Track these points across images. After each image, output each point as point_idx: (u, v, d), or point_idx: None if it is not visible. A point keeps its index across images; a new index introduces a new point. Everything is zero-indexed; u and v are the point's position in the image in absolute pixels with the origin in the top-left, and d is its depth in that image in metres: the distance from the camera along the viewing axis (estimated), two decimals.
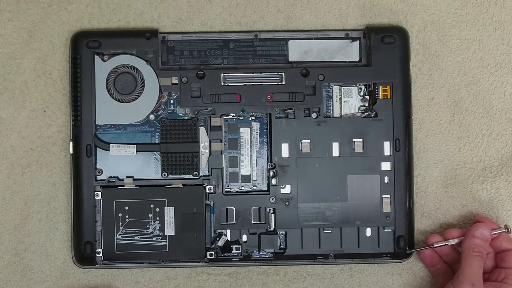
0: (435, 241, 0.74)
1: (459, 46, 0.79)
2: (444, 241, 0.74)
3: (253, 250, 0.76)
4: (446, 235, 0.75)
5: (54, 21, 0.78)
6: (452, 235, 0.74)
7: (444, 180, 0.78)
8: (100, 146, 0.75)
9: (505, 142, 0.79)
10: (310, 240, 0.75)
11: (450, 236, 0.74)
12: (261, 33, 0.77)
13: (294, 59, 0.77)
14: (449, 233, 0.74)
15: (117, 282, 0.78)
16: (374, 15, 0.78)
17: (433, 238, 0.75)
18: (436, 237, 0.75)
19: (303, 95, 0.76)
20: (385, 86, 0.76)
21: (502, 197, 0.78)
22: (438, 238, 0.75)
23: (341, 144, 0.76)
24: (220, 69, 0.76)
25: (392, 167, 0.76)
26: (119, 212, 0.74)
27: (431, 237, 0.75)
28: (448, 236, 0.74)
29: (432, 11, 0.79)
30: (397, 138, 0.76)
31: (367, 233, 0.76)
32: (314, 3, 0.78)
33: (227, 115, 0.76)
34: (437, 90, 0.79)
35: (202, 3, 0.78)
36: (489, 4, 0.79)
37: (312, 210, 0.75)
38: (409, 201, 0.76)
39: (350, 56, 0.77)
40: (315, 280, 0.78)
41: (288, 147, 0.76)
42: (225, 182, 0.76)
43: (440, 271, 0.76)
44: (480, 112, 0.79)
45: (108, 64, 0.76)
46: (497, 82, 0.79)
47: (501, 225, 0.75)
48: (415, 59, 0.78)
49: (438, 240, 0.74)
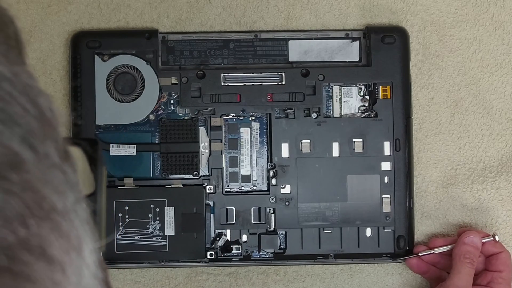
0: (420, 250, 0.75)
1: (459, 46, 0.79)
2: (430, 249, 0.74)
3: (253, 250, 0.76)
4: (432, 244, 0.75)
5: (54, 21, 0.78)
6: (436, 244, 0.74)
7: (444, 180, 0.78)
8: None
9: (505, 142, 0.79)
10: (310, 240, 0.75)
11: (435, 245, 0.74)
12: (261, 33, 0.77)
13: (294, 59, 0.77)
14: (434, 242, 0.75)
15: (117, 282, 0.78)
16: (374, 15, 0.78)
17: (419, 248, 0.75)
18: (422, 247, 0.75)
19: (303, 95, 0.76)
20: (385, 86, 0.76)
21: (502, 197, 0.78)
22: (423, 247, 0.75)
23: (341, 144, 0.76)
24: (220, 69, 0.76)
25: (392, 167, 0.76)
26: (119, 212, 0.74)
27: (417, 247, 0.75)
28: (433, 245, 0.75)
29: (432, 11, 0.79)
30: (397, 138, 0.76)
31: (367, 233, 0.76)
32: (314, 3, 0.78)
33: (227, 115, 0.76)
34: (437, 90, 0.79)
35: (202, 3, 0.78)
36: (489, 4, 0.79)
37: (312, 210, 0.75)
38: (409, 201, 0.76)
39: (350, 56, 0.77)
40: (315, 280, 0.78)
41: (288, 147, 0.76)
42: (225, 182, 0.76)
43: (434, 277, 0.76)
44: (480, 112, 0.79)
45: (108, 64, 0.76)
46: (497, 82, 0.79)
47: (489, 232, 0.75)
48: (415, 59, 0.78)
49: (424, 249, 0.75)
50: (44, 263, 0.24)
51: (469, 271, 0.71)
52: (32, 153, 0.26)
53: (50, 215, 0.25)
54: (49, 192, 0.26)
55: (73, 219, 0.26)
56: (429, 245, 0.75)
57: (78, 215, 0.27)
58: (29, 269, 0.24)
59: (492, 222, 0.78)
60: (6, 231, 0.24)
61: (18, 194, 0.24)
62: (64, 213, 0.26)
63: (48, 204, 0.26)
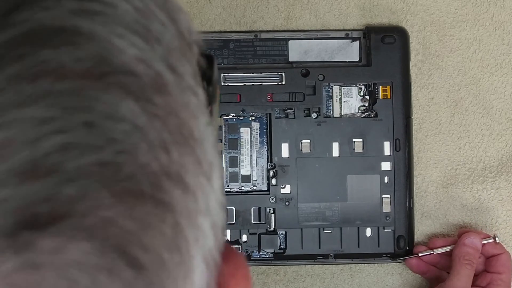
0: (420, 251, 0.74)
1: (459, 46, 0.79)
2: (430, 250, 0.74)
3: (253, 250, 0.76)
4: (431, 245, 0.75)
5: None
6: (436, 244, 0.74)
7: (444, 180, 0.78)
8: None
9: (505, 142, 0.79)
10: (310, 240, 0.75)
11: (435, 245, 0.74)
12: (261, 33, 0.77)
13: (294, 59, 0.77)
14: (434, 243, 0.75)
15: None
16: (374, 15, 0.78)
17: (419, 248, 0.75)
18: (421, 247, 0.75)
19: (303, 95, 0.76)
20: (385, 86, 0.76)
21: (502, 197, 0.78)
22: (423, 248, 0.75)
23: (341, 144, 0.76)
24: (220, 69, 0.76)
25: (392, 167, 0.76)
26: None
27: (417, 247, 0.75)
28: (433, 245, 0.75)
29: (432, 11, 0.79)
30: (397, 138, 0.76)
31: (367, 233, 0.76)
32: (314, 3, 0.78)
33: (227, 115, 0.76)
34: (437, 90, 0.79)
35: (202, 3, 0.78)
36: (489, 4, 0.79)
37: (312, 210, 0.75)
38: (409, 201, 0.76)
39: (350, 56, 0.77)
40: (315, 280, 0.78)
41: (288, 147, 0.76)
42: (225, 182, 0.76)
43: (433, 277, 0.76)
44: (480, 112, 0.79)
45: None
46: (497, 82, 0.79)
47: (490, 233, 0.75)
48: (415, 59, 0.78)
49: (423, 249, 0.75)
50: (180, 191, 0.23)
51: (468, 272, 0.71)
52: (172, 74, 0.25)
53: (188, 141, 0.24)
54: (187, 116, 0.25)
55: (205, 144, 0.26)
56: (429, 246, 0.75)
57: (209, 140, 0.26)
58: (168, 197, 0.23)
59: (492, 222, 0.78)
60: (150, 157, 0.23)
61: (162, 119, 0.23)
62: (199, 139, 0.25)
63: (187, 129, 0.25)
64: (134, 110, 0.23)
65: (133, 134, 0.23)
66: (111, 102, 0.23)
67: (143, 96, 0.23)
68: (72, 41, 0.23)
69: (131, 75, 0.23)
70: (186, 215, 0.24)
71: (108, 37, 0.23)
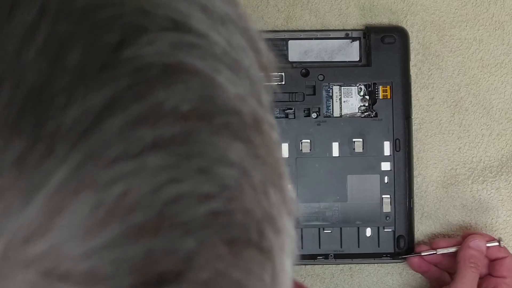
0: (422, 250, 0.74)
1: (459, 46, 0.79)
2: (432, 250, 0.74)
3: None
4: (434, 245, 0.74)
5: None
6: (439, 245, 0.74)
7: (444, 180, 0.78)
8: None
9: (505, 142, 0.79)
10: (310, 240, 0.75)
11: (438, 246, 0.74)
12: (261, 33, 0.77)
13: (294, 59, 0.77)
14: (437, 243, 0.74)
15: None
16: (374, 15, 0.78)
17: (421, 247, 0.75)
18: (424, 247, 0.75)
19: (303, 95, 0.76)
20: (385, 86, 0.76)
21: (502, 197, 0.78)
22: (426, 247, 0.75)
23: (341, 144, 0.76)
24: None
25: (392, 167, 0.76)
26: None
27: (420, 246, 0.75)
28: (436, 246, 0.74)
29: (432, 11, 0.79)
30: (397, 138, 0.76)
31: (367, 233, 0.76)
32: (314, 3, 0.78)
33: None
34: (437, 90, 0.79)
35: None
36: (489, 4, 0.79)
37: (312, 210, 0.75)
38: (409, 201, 0.76)
39: (350, 56, 0.77)
40: (315, 280, 0.78)
41: (288, 147, 0.76)
42: None
43: (434, 276, 0.76)
44: (480, 112, 0.79)
45: None
46: (497, 82, 0.79)
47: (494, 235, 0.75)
48: (415, 59, 0.78)
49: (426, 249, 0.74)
50: (273, 234, 0.22)
51: (473, 276, 0.70)
52: (261, 109, 0.23)
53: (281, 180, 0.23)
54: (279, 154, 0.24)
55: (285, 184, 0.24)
56: (432, 246, 0.75)
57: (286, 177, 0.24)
58: (269, 243, 0.22)
59: (492, 222, 0.78)
60: (254, 202, 0.21)
61: (261, 159, 0.22)
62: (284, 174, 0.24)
63: (281, 167, 0.23)
64: (241, 153, 0.22)
65: (241, 178, 0.21)
66: (221, 146, 0.21)
67: (246, 137, 0.22)
68: (180, 79, 0.21)
69: (235, 114, 0.22)
70: (279, 260, 0.23)
71: (210, 73, 0.22)
